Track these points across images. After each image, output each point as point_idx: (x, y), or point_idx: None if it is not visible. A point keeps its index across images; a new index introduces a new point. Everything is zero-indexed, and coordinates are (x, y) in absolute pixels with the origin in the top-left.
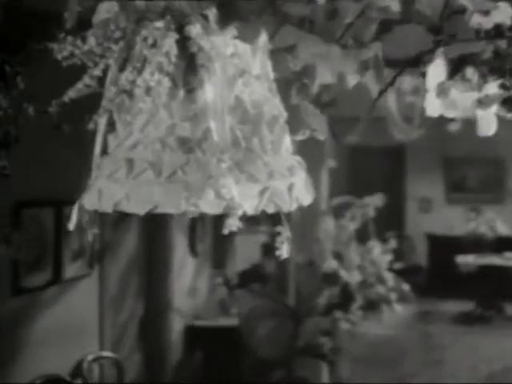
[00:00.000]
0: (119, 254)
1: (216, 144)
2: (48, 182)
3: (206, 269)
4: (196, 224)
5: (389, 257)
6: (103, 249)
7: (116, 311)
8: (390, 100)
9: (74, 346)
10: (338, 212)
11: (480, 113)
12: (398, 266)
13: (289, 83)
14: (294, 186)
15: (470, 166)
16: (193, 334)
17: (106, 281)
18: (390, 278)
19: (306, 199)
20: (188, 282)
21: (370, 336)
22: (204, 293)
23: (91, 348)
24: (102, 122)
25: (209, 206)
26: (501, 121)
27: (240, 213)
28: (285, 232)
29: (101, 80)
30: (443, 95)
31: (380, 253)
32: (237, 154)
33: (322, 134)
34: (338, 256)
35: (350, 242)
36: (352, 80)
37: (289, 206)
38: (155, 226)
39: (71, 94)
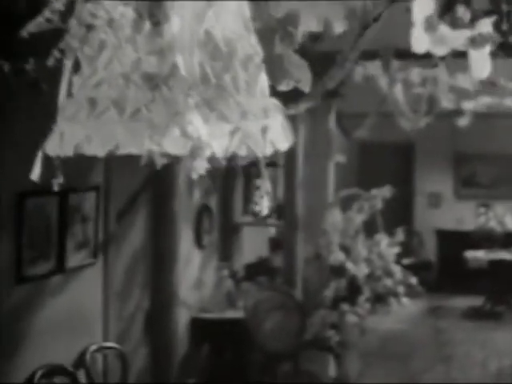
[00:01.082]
0: (125, 246)
1: (183, 80)
2: (54, 168)
3: (212, 261)
4: (202, 216)
5: (396, 249)
6: (107, 239)
7: (122, 303)
8: (398, 91)
9: (78, 337)
10: (346, 204)
11: (473, 53)
12: (407, 261)
13: (272, 32)
14: (268, 129)
15: (480, 162)
16: (199, 327)
17: (110, 272)
18: (397, 271)
19: (283, 144)
20: (194, 275)
21: (380, 331)
22: (210, 286)
23: (95, 339)
24: (68, 63)
25: (173, 145)
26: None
27: (208, 153)
28: (264, 185)
29: (64, 16)
30: (431, 30)
31: (387, 245)
32: (206, 92)
33: (306, 86)
34: (345, 249)
35: (357, 234)
36: (339, 27)
37: (262, 149)
38: (161, 218)
39: (31, 27)
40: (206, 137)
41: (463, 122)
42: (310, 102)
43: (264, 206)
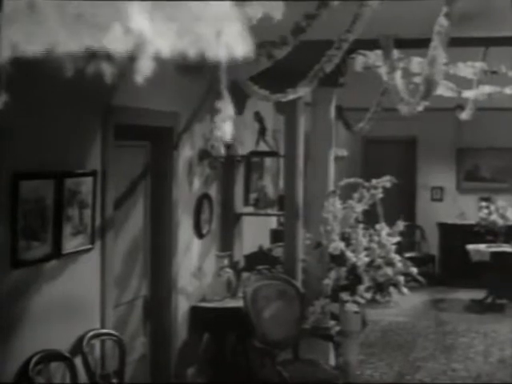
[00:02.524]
0: (123, 233)
1: None
2: (49, 153)
3: (212, 251)
4: (202, 206)
5: (396, 238)
6: (105, 225)
7: (120, 291)
8: (397, 77)
9: (75, 323)
10: (346, 193)
11: None
12: (409, 255)
13: None
14: (223, 32)
15: (482, 156)
16: (199, 316)
17: (108, 258)
18: (397, 260)
19: (240, 48)
20: (194, 264)
21: (383, 323)
22: (210, 275)
23: (93, 326)
24: None
25: (115, 42)
26: None
27: (152, 51)
28: (226, 109)
29: None
30: None
31: (387, 234)
32: None
33: (278, 13)
34: (346, 237)
35: (357, 223)
36: None
37: (215, 51)
38: (161, 206)
39: None
40: (149, 34)
41: (465, 115)
42: (308, 86)
43: (226, 131)
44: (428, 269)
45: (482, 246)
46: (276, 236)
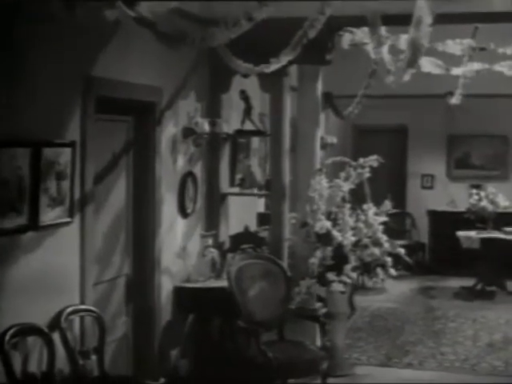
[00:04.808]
0: (104, 209)
1: None
2: (27, 121)
3: (197, 231)
4: (186, 184)
5: (383, 218)
6: (84, 198)
7: (101, 268)
8: (384, 51)
9: (53, 298)
10: (333, 172)
11: None
12: (400, 242)
13: None
14: None
15: (473, 143)
16: (183, 296)
17: (88, 234)
18: (384, 240)
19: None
20: (178, 244)
21: (372, 308)
22: (195, 255)
23: (72, 302)
24: None
25: None
26: (506, 99)
27: None
28: None
29: None
30: None
31: (374, 214)
32: None
33: None
34: (332, 218)
35: (344, 202)
36: None
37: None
38: (143, 182)
39: None
40: None
41: (455, 99)
42: (291, 54)
43: None
44: (418, 256)
45: (471, 233)
46: (263, 219)
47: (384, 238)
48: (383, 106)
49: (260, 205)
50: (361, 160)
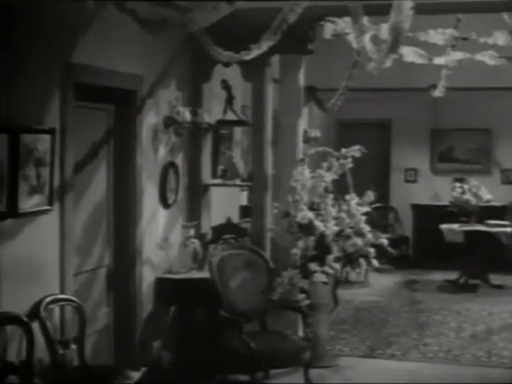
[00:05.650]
0: (85, 198)
1: None
2: (4, 106)
3: (179, 222)
4: (168, 174)
5: (366, 208)
6: (64, 186)
7: (81, 258)
8: (366, 40)
9: (33, 287)
10: (315, 163)
11: None
12: (384, 237)
13: None
14: None
15: (457, 137)
16: (165, 287)
17: (68, 222)
18: (367, 230)
19: None
20: (159, 234)
21: (356, 302)
22: (176, 246)
23: (52, 291)
24: None
25: None
26: (489, 93)
27: None
28: None
29: None
30: None
31: (357, 204)
32: None
33: None
34: (314, 208)
35: (326, 193)
36: None
37: None
38: (124, 172)
39: None
40: None
41: (438, 92)
42: (271, 40)
43: None
44: (402, 250)
45: (455, 226)
46: (245, 212)
47: (367, 228)
48: (367, 100)
49: (243, 198)
50: (343, 150)
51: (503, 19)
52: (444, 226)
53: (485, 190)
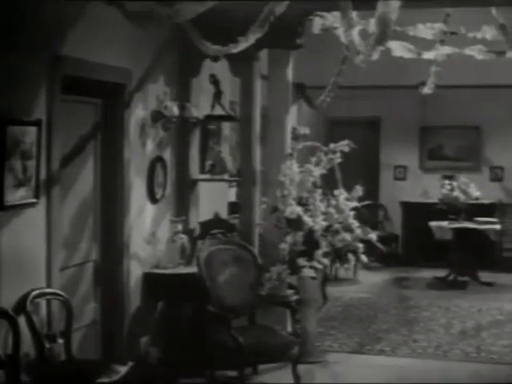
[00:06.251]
0: (72, 192)
1: None
2: None
3: (167, 217)
4: (156, 169)
5: (354, 203)
6: (51, 180)
7: (69, 252)
8: (354, 34)
9: (19, 280)
10: (304, 158)
11: None
12: (372, 232)
13: None
14: None
15: (446, 134)
16: (153, 283)
17: (55, 216)
18: (356, 226)
19: None
20: (147, 229)
21: (345, 299)
22: (164, 241)
23: (38, 285)
24: None
25: None
26: (478, 90)
27: None
28: None
29: None
30: None
31: (346, 199)
32: None
33: None
34: (303, 203)
35: (315, 188)
36: None
37: None
38: (112, 166)
39: None
40: None
41: (427, 89)
42: (259, 32)
43: None
44: (391, 248)
45: (444, 223)
46: (234, 208)
47: (355, 223)
48: (356, 98)
49: (231, 194)
50: (332, 145)
51: (491, 13)
52: (433, 224)
53: (474, 188)
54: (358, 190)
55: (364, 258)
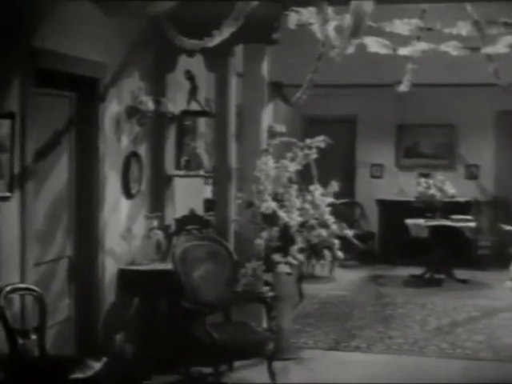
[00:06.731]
0: (46, 187)
1: None
2: None
3: (142, 213)
4: (131, 164)
5: (330, 199)
6: (24, 173)
7: (43, 248)
8: (330, 28)
9: None
10: (280, 153)
11: None
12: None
13: None
14: None
15: (422, 132)
16: (128, 279)
17: (29, 211)
18: (332, 222)
19: None
20: (122, 225)
21: (321, 296)
22: (139, 237)
23: (11, 281)
24: None
25: None
26: (454, 89)
27: None
28: None
29: None
30: None
31: (321, 195)
32: None
33: None
34: (278, 199)
35: (291, 183)
36: None
37: None
38: (86, 161)
39: None
40: None
41: (403, 87)
42: (233, 25)
43: None
44: (368, 246)
45: (420, 221)
46: (209, 206)
47: (331, 219)
48: (332, 96)
49: (207, 191)
50: (308, 141)
51: (467, 10)
52: (409, 221)
53: (449, 185)
54: (334, 186)
55: (340, 254)
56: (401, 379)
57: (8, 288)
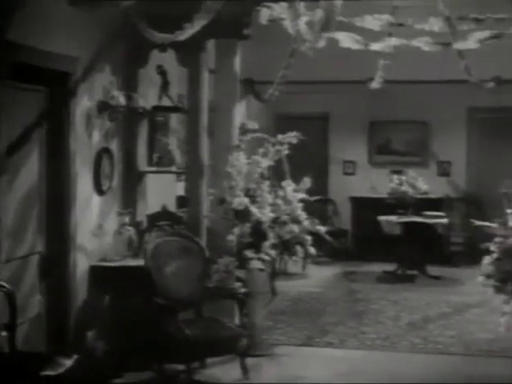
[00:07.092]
0: (16, 183)
1: None
2: None
3: (114, 209)
4: (102, 160)
5: (302, 194)
6: None
7: (13, 244)
8: (301, 23)
9: None
10: (251, 148)
11: None
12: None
13: None
14: None
15: (395, 129)
16: (100, 275)
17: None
18: (304, 218)
19: None
20: (94, 221)
21: (294, 293)
22: (111, 233)
23: None
24: None
25: None
26: (426, 86)
27: None
28: None
29: None
30: None
31: (293, 191)
32: None
33: None
34: (250, 194)
35: (262, 179)
36: None
37: None
38: (57, 157)
39: None
40: None
41: (375, 83)
42: (204, 18)
43: None
44: (341, 243)
45: (392, 217)
46: (182, 202)
47: (303, 215)
48: (305, 93)
49: (179, 188)
50: (279, 136)
51: (438, 6)
52: (382, 218)
53: (422, 182)
54: (306, 182)
55: (312, 250)
56: (373, 374)
57: None
